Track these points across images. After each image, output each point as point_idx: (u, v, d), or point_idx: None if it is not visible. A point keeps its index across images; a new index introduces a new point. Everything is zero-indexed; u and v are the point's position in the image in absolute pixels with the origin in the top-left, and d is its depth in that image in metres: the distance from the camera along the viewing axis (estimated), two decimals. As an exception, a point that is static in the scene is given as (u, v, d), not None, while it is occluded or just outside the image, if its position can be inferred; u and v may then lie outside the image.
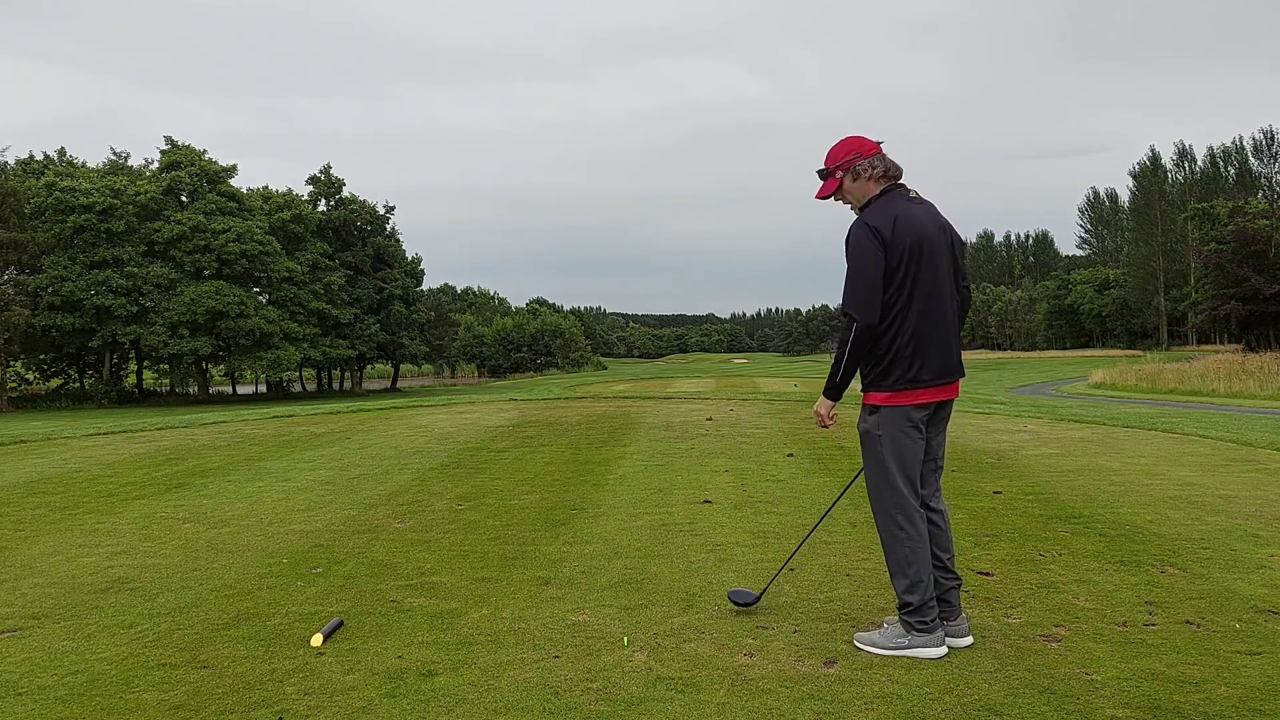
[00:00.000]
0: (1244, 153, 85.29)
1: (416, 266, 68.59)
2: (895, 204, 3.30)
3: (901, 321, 3.24)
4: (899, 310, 3.24)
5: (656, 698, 2.92)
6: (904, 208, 3.29)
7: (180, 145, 55.10)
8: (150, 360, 55.65)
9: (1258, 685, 2.92)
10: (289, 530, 5.58)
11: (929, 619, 3.25)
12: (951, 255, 3.39)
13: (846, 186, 3.39)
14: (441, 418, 12.60)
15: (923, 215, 3.33)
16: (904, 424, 3.29)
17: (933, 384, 3.29)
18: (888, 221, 3.23)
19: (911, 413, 3.29)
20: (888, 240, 3.21)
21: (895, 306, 3.24)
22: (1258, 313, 55.26)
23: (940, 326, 3.29)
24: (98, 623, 3.82)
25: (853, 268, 3.25)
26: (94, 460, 9.15)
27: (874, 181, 3.35)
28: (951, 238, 3.42)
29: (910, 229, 3.24)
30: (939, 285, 3.29)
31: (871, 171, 3.35)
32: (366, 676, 3.16)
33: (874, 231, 3.22)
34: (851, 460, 7.82)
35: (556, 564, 4.60)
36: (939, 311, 3.29)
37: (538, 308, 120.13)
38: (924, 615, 3.25)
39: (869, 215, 3.29)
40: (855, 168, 3.35)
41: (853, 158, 3.35)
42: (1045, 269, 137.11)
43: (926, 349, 3.26)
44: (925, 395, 3.29)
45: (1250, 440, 8.77)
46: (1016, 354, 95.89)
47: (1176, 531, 4.97)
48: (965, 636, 3.35)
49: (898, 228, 3.22)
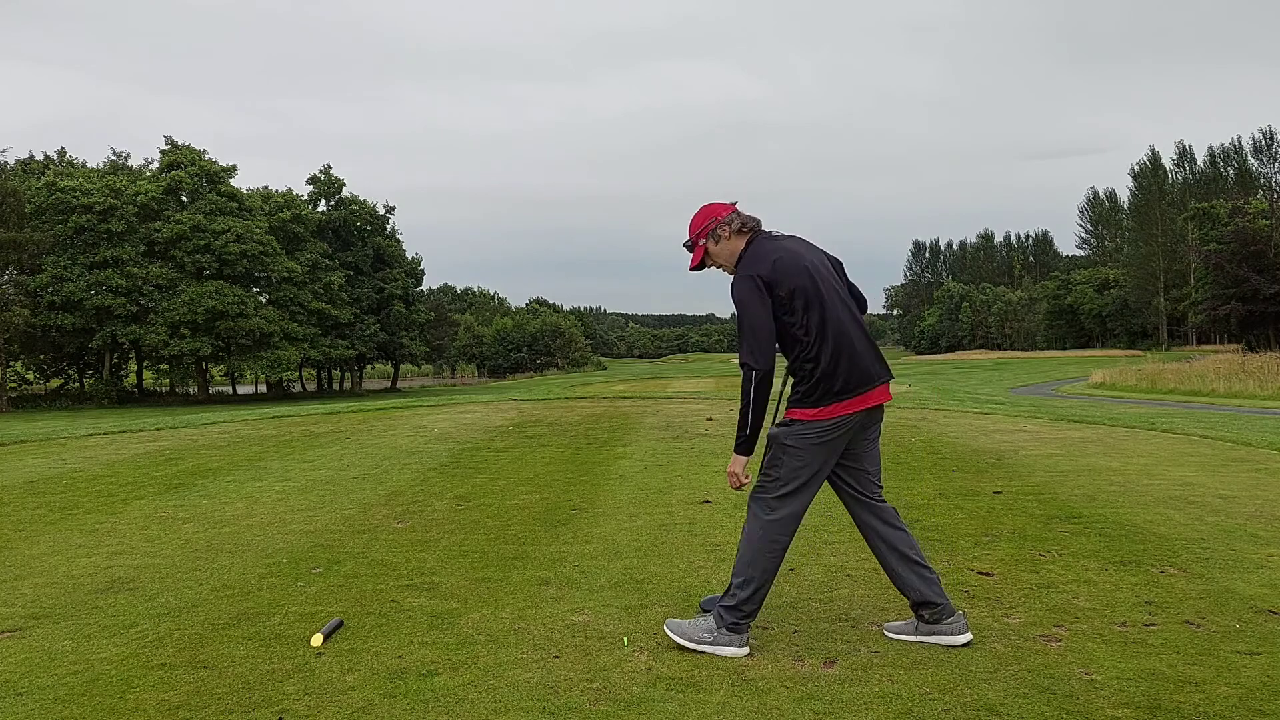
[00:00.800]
0: (1243, 153, 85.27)
1: (416, 266, 68.60)
2: (765, 246, 3.39)
3: (820, 347, 3.29)
4: (814, 338, 3.29)
5: (656, 698, 2.93)
6: (776, 246, 3.38)
7: (180, 145, 55.13)
8: (150, 360, 55.66)
9: (1258, 685, 2.92)
10: (289, 530, 5.58)
11: (743, 622, 3.31)
12: (835, 270, 3.51)
13: (712, 251, 3.47)
14: (441, 418, 12.60)
15: (796, 245, 3.43)
16: (824, 437, 3.31)
17: (858, 391, 3.32)
18: (766, 264, 3.31)
19: (838, 425, 3.31)
20: (772, 281, 3.28)
21: (810, 335, 3.29)
22: (1257, 313, 55.27)
23: (851, 339, 3.33)
24: (98, 623, 3.82)
25: (743, 319, 3.31)
26: (94, 460, 9.15)
27: (736, 237, 3.44)
28: (827, 255, 3.54)
29: (791, 262, 3.32)
30: (837, 303, 3.36)
31: (729, 230, 3.44)
32: (366, 676, 3.16)
33: (754, 279, 3.29)
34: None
35: (556, 564, 4.60)
36: (845, 325, 3.34)
37: (538, 308, 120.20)
38: (741, 617, 3.30)
39: (745, 266, 3.36)
40: (713, 232, 3.45)
41: (710, 223, 3.45)
42: (1045, 269, 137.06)
43: (847, 363, 3.30)
44: (851, 405, 3.31)
45: (1250, 440, 8.77)
46: (1016, 354, 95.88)
47: (1176, 531, 4.97)
48: (964, 634, 3.35)
49: (778, 266, 3.30)
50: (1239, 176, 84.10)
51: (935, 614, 3.36)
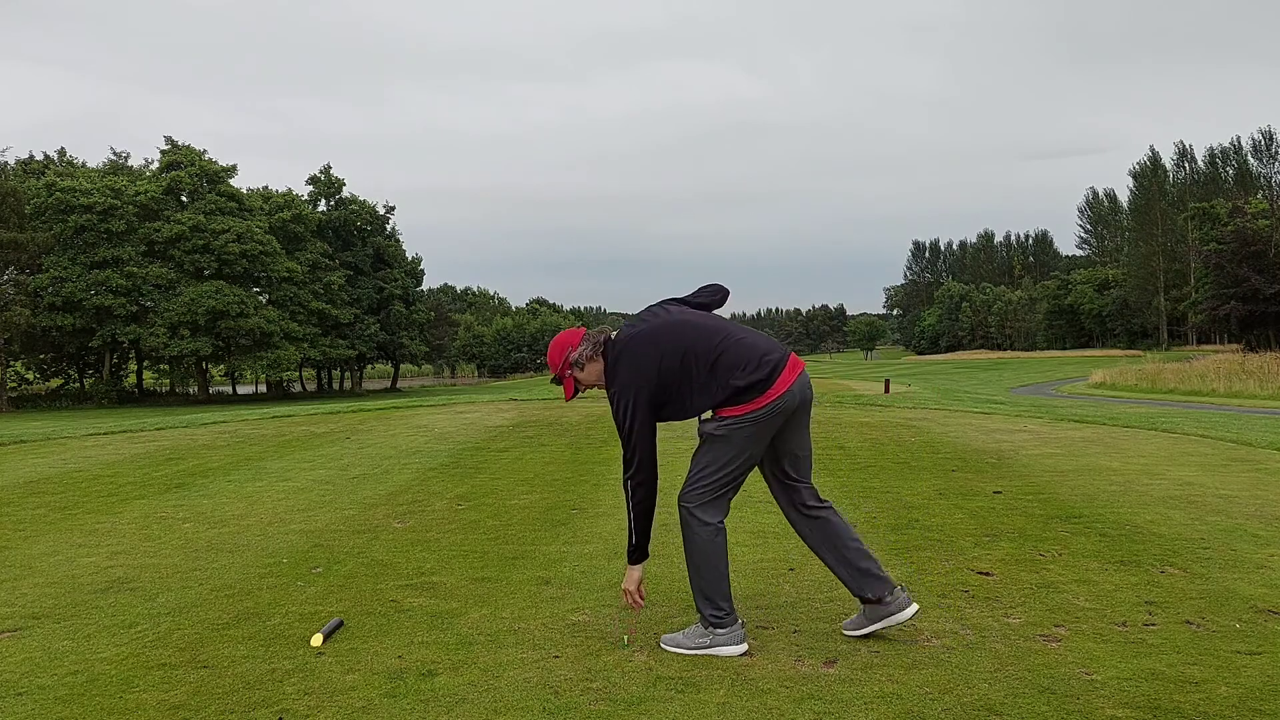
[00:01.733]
0: (1243, 153, 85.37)
1: (416, 266, 68.66)
2: (630, 349, 3.37)
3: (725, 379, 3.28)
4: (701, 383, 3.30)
5: (656, 698, 2.93)
6: (637, 343, 3.38)
7: (180, 145, 55.18)
8: (150, 360, 55.70)
9: (1258, 685, 2.92)
10: (289, 530, 5.58)
11: (724, 614, 3.32)
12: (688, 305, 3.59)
13: (580, 378, 3.49)
14: (441, 418, 12.60)
15: (653, 323, 3.43)
16: (754, 427, 3.31)
17: (772, 380, 3.30)
18: (641, 371, 3.31)
19: (769, 412, 3.30)
20: (652, 381, 3.30)
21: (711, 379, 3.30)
22: (1258, 313, 55.33)
23: (739, 350, 3.33)
24: (98, 623, 3.82)
25: (627, 433, 3.32)
26: (94, 460, 9.16)
27: (595, 358, 3.45)
28: (680, 301, 3.62)
29: (652, 347, 3.33)
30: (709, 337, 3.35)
31: (585, 353, 3.45)
32: (366, 676, 3.16)
33: (635, 390, 3.30)
34: (851, 460, 7.83)
35: (556, 564, 4.60)
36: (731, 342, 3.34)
37: (538, 308, 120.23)
38: (719, 611, 3.31)
39: (623, 377, 3.35)
40: (574, 361, 3.46)
41: (566, 354, 3.47)
42: (1045, 269, 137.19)
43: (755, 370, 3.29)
44: (773, 391, 3.29)
45: (1250, 440, 8.77)
46: (1016, 354, 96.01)
47: (1176, 531, 4.97)
48: (908, 608, 3.38)
49: (645, 361, 3.31)
50: (1239, 176, 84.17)
51: (879, 592, 3.40)
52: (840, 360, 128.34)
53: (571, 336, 3.51)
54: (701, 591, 3.35)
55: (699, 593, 3.36)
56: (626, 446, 3.34)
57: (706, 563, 3.35)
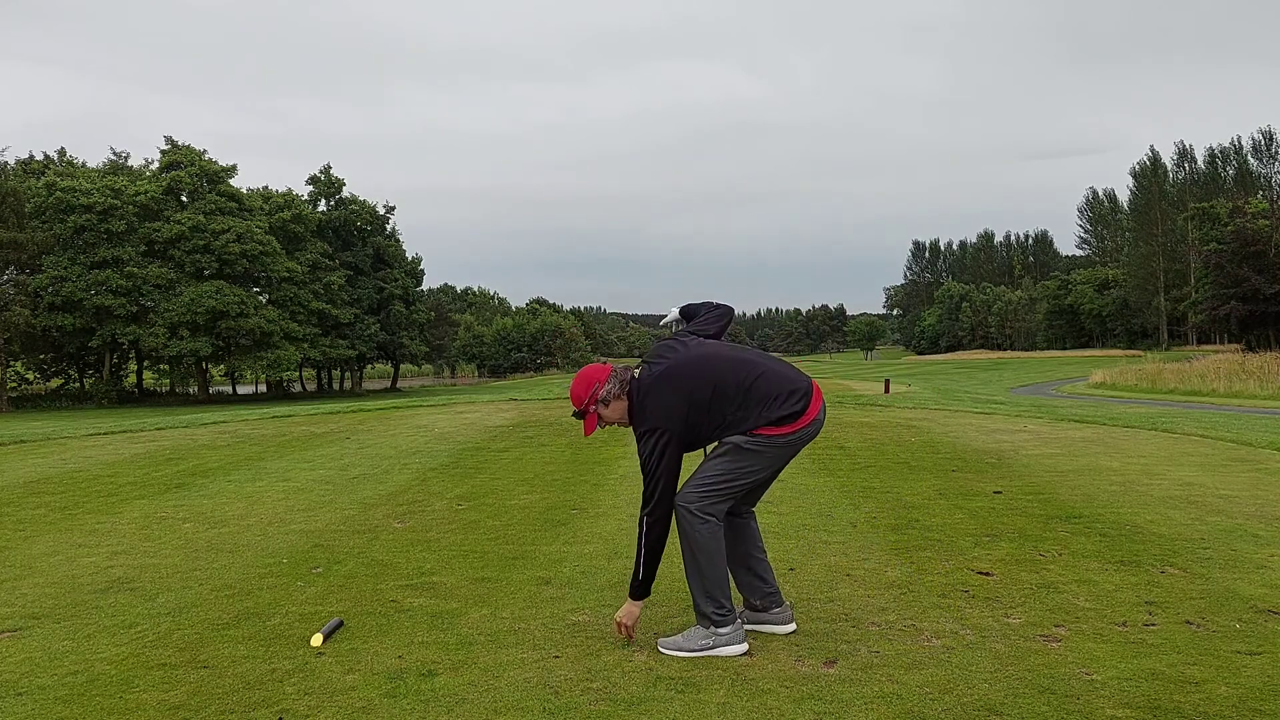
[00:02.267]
0: (1243, 153, 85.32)
1: (416, 266, 68.60)
2: (657, 387, 3.40)
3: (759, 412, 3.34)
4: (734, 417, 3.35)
5: (656, 698, 2.93)
6: (665, 382, 3.40)
7: (180, 145, 55.12)
8: (150, 360, 55.67)
9: (1258, 685, 2.92)
10: (289, 530, 5.58)
11: (726, 611, 3.34)
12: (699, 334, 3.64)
13: (605, 415, 3.51)
14: (441, 418, 12.60)
15: (675, 360, 3.45)
16: (783, 450, 3.40)
17: (805, 410, 3.39)
18: (672, 411, 3.35)
19: (799, 438, 3.40)
20: (683, 420, 3.34)
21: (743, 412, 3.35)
22: (1258, 313, 55.35)
23: (769, 382, 3.38)
24: (98, 623, 3.82)
25: (651, 471, 3.36)
26: (94, 460, 9.16)
27: (621, 396, 3.48)
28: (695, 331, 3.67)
29: (681, 384, 3.37)
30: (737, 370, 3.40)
31: (612, 390, 3.48)
32: (366, 676, 3.16)
33: (666, 431, 3.34)
34: (852, 460, 7.83)
35: (556, 564, 4.60)
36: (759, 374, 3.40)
37: (538, 307, 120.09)
38: (722, 609, 3.33)
39: (654, 417, 3.37)
40: (600, 397, 3.48)
41: (594, 390, 3.49)
42: (1045, 269, 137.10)
43: (786, 402, 3.37)
44: (805, 419, 3.38)
45: (1250, 440, 8.77)
46: (1016, 354, 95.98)
47: (1176, 531, 4.97)
48: (787, 625, 3.51)
49: (675, 400, 3.34)
50: (1239, 176, 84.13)
51: (766, 601, 3.52)
52: (840, 360, 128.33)
53: (599, 372, 3.53)
54: (703, 590, 3.35)
55: (700, 592, 3.36)
56: (649, 483, 3.38)
57: (708, 559, 3.35)
